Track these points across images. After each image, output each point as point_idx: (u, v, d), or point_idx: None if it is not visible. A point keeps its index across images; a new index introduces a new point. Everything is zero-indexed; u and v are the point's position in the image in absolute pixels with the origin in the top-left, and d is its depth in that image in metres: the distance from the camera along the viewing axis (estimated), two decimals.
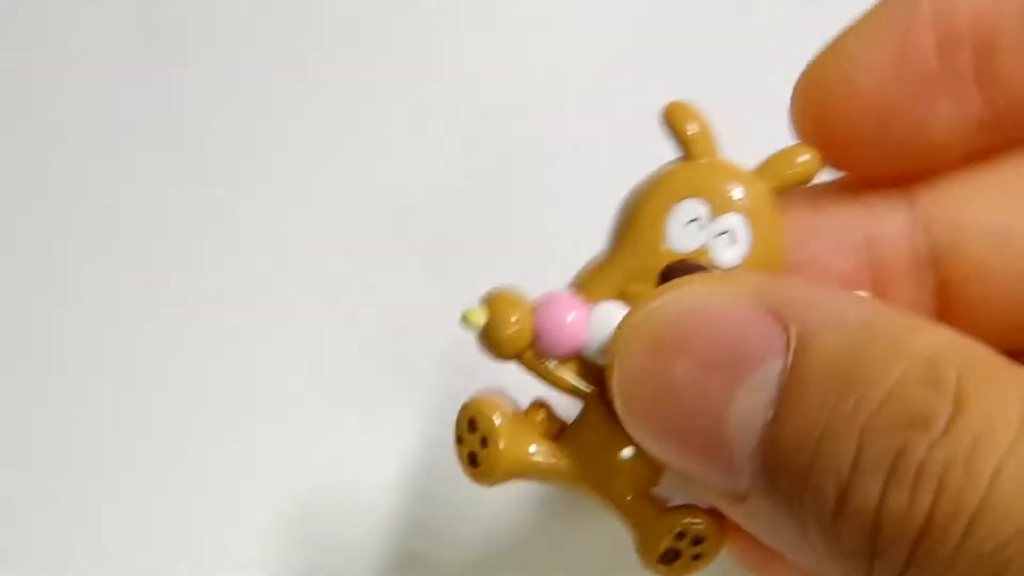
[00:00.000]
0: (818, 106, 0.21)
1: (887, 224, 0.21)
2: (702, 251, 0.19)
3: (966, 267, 0.21)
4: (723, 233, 0.19)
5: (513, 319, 0.19)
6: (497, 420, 0.20)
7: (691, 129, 0.20)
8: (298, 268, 0.31)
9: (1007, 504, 0.15)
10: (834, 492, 0.16)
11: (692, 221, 0.19)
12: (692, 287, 0.19)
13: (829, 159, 0.21)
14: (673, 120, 0.20)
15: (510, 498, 0.28)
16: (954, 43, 0.20)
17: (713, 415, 0.17)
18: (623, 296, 0.20)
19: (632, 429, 0.19)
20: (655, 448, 0.18)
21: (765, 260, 0.20)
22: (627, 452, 0.20)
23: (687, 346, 0.18)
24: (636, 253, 0.20)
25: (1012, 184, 0.21)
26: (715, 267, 0.19)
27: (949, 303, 0.21)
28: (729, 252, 0.19)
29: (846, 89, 0.20)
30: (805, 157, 0.20)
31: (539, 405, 0.21)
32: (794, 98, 0.21)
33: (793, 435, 0.16)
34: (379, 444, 0.29)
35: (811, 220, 0.22)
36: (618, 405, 0.19)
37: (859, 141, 0.20)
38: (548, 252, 0.22)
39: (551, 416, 0.20)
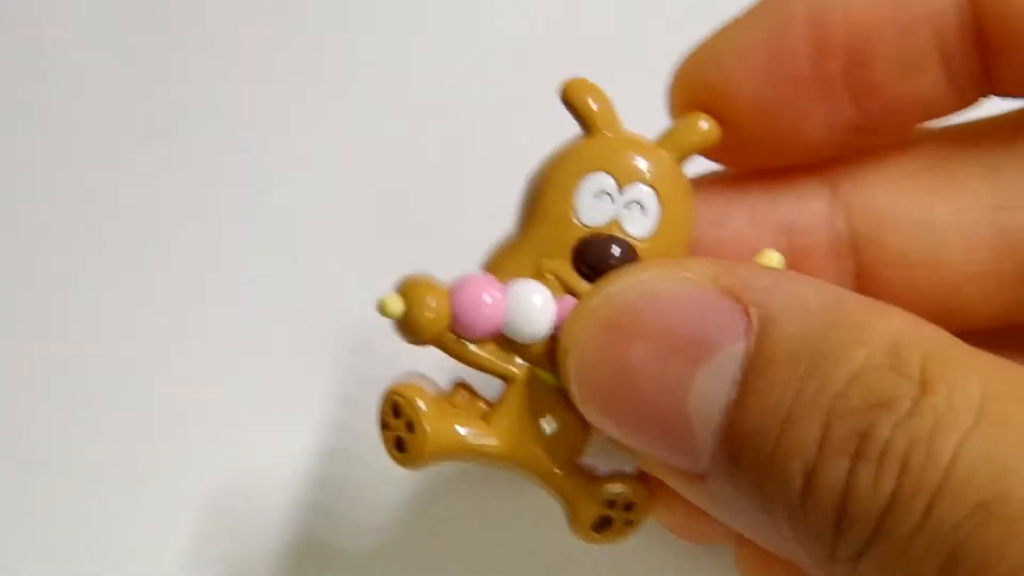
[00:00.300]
0: (692, 102, 0.21)
1: (808, 209, 0.22)
2: (613, 223, 0.20)
3: (886, 254, 0.21)
4: (632, 204, 0.20)
5: (430, 303, 0.19)
6: (421, 404, 0.20)
7: (592, 104, 0.20)
8: (206, 256, 0.31)
9: (964, 483, 0.15)
10: (801, 473, 0.16)
11: (600, 193, 0.20)
12: (647, 271, 0.19)
13: (718, 151, 0.21)
14: (573, 96, 0.20)
15: (421, 484, 0.28)
16: (827, 51, 0.20)
17: (673, 398, 0.17)
18: (537, 273, 0.20)
19: (588, 413, 0.19)
20: (611, 430, 0.19)
21: (676, 229, 0.20)
22: (548, 427, 0.20)
23: (645, 329, 0.18)
24: (546, 229, 0.20)
25: (932, 172, 0.21)
26: (628, 238, 0.20)
27: (869, 289, 0.22)
28: (640, 222, 0.20)
29: (719, 89, 0.21)
30: (704, 125, 0.20)
31: (461, 386, 0.21)
32: (670, 91, 0.21)
33: (757, 417, 0.16)
34: (288, 431, 0.28)
35: (733, 200, 0.22)
36: (573, 389, 0.19)
37: (732, 137, 0.21)
38: (461, 239, 0.22)
39: (474, 396, 0.20)
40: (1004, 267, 0.21)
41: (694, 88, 0.21)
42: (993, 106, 0.21)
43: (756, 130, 0.21)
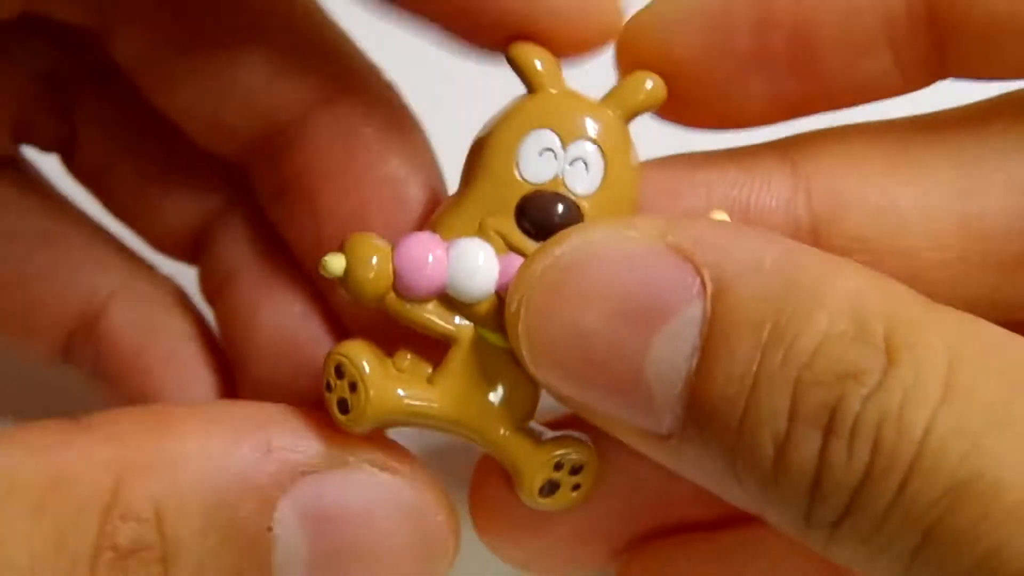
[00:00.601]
0: (635, 62, 0.21)
1: (767, 190, 0.22)
2: (556, 180, 0.20)
3: (847, 239, 0.21)
4: (576, 161, 0.20)
5: (372, 261, 0.19)
6: (365, 364, 0.19)
7: (538, 64, 0.20)
8: None
9: (937, 462, 0.15)
10: (772, 444, 0.16)
11: (544, 151, 0.19)
12: (595, 231, 0.18)
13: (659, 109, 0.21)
14: (518, 57, 0.20)
15: None
16: (770, 27, 0.20)
17: (629, 363, 0.17)
18: (481, 231, 0.19)
19: (540, 375, 0.18)
20: (566, 393, 0.18)
21: (620, 187, 0.20)
22: (494, 389, 0.20)
23: (596, 293, 0.17)
24: (490, 187, 0.20)
25: (897, 157, 0.21)
26: (572, 195, 0.19)
27: None
28: (584, 179, 0.20)
29: (660, 54, 0.21)
30: (650, 84, 0.20)
31: (405, 350, 0.20)
32: (615, 50, 0.21)
33: (722, 385, 0.16)
34: None
35: (689, 178, 0.22)
36: (524, 352, 0.18)
37: (674, 100, 0.21)
38: None
39: (418, 360, 0.20)
40: (970, 254, 0.21)
41: (636, 50, 0.21)
42: (951, 91, 0.21)
43: (695, 96, 0.21)
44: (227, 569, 0.17)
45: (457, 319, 0.20)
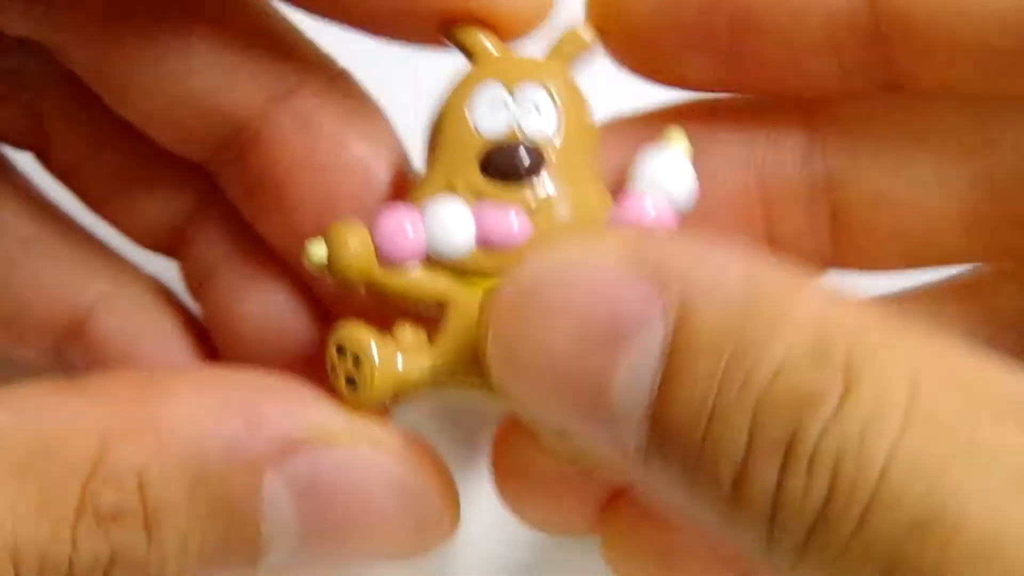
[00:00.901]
0: (600, 17, 0.21)
1: (784, 148, 0.22)
2: (513, 128, 0.20)
3: (863, 194, 0.21)
4: (527, 105, 0.20)
5: (351, 239, 0.20)
6: (366, 337, 0.19)
7: (479, 39, 0.21)
8: None
9: (897, 496, 0.14)
10: (730, 474, 0.16)
11: (495, 102, 0.20)
12: (562, 249, 0.18)
13: (619, 60, 0.22)
14: (460, 36, 0.21)
15: None
16: (713, 9, 0.21)
17: (594, 386, 0.17)
18: (450, 189, 0.20)
19: (512, 395, 0.18)
20: (538, 412, 0.18)
21: (576, 125, 0.20)
22: None
23: (562, 315, 0.17)
24: (450, 149, 0.20)
25: (912, 113, 0.22)
26: (532, 140, 0.20)
27: (843, 229, 0.22)
28: (539, 121, 0.20)
29: (619, 17, 0.21)
30: (585, 35, 0.21)
31: (403, 325, 0.20)
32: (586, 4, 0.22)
33: (682, 413, 0.16)
34: None
35: (707, 137, 0.22)
36: (495, 372, 0.18)
37: (639, 57, 0.22)
38: None
39: (416, 330, 0.20)
40: (983, 209, 0.21)
41: (600, 10, 0.21)
42: None
43: (647, 59, 0.22)
44: (214, 538, 0.17)
45: (445, 282, 0.20)
